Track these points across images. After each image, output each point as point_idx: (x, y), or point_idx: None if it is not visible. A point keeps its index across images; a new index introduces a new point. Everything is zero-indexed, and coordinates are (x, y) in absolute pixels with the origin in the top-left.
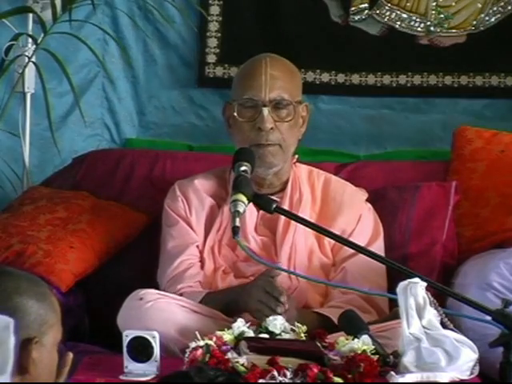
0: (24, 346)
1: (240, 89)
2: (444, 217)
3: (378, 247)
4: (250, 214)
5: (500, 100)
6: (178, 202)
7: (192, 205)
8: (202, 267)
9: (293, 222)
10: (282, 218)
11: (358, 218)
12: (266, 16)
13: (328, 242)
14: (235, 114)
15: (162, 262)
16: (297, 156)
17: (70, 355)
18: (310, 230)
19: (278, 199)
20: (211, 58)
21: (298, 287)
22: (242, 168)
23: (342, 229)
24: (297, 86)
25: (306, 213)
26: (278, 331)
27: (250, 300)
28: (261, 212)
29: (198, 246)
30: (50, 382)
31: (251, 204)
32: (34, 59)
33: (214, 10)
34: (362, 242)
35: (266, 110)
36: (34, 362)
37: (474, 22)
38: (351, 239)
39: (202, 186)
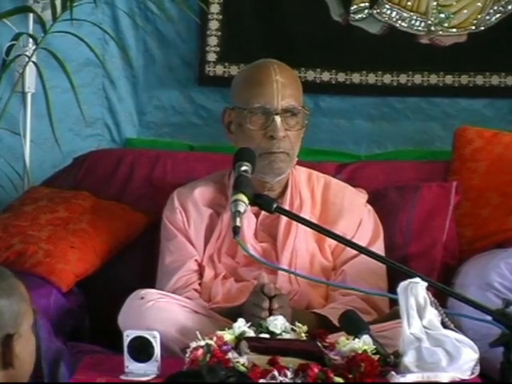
0: (5, 344)
1: (248, 96)
2: (444, 217)
3: (378, 249)
4: (249, 221)
5: (500, 99)
6: (176, 214)
7: (191, 217)
8: (202, 277)
9: (293, 226)
10: (283, 223)
11: (359, 223)
12: (267, 15)
13: (328, 245)
14: (247, 123)
15: (159, 277)
16: (296, 159)
17: None
18: (310, 234)
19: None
20: (211, 57)
21: (299, 291)
22: (243, 168)
23: (342, 233)
24: (301, 93)
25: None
26: (278, 331)
27: (245, 316)
28: (260, 218)
29: (196, 260)
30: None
31: (249, 211)
32: (34, 59)
33: (215, 8)
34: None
35: (278, 119)
36: (18, 356)
37: (475, 22)
38: None
39: (201, 196)
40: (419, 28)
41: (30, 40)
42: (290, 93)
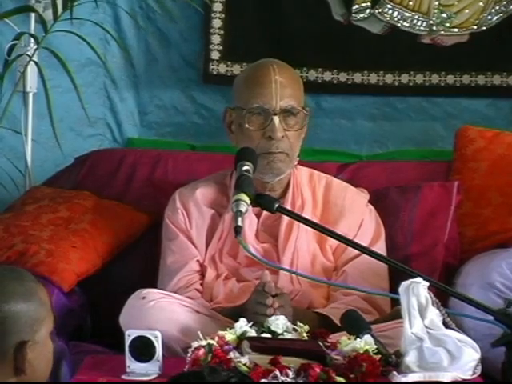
0: (18, 350)
1: (248, 96)
2: (446, 217)
3: (380, 249)
4: (250, 222)
5: (502, 99)
6: (178, 214)
7: (192, 217)
8: (203, 277)
9: (295, 227)
10: (284, 223)
11: (360, 224)
12: (269, 14)
13: (330, 246)
14: (246, 123)
15: (161, 277)
16: (297, 159)
17: None
18: (311, 235)
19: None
20: (215, 55)
21: (301, 291)
22: (245, 168)
23: (343, 234)
24: (302, 93)
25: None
26: (280, 331)
27: (248, 315)
28: (261, 218)
29: (198, 260)
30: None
31: (250, 212)
32: (35, 58)
33: (217, 6)
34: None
35: (276, 119)
36: (30, 362)
37: (477, 21)
38: None
39: (202, 196)
40: (421, 28)
41: (32, 40)
42: (289, 93)
